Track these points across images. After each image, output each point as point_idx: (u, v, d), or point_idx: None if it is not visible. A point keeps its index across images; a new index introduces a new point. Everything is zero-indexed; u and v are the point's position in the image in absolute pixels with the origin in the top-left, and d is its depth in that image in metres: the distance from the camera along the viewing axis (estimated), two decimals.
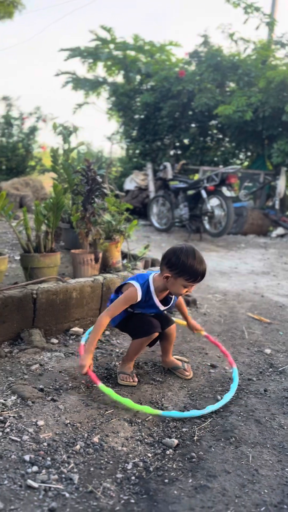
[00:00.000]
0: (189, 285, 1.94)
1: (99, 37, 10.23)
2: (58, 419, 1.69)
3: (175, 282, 1.94)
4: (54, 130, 3.88)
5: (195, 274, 1.91)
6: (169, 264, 1.94)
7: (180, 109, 9.51)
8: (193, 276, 1.91)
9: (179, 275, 1.92)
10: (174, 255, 1.93)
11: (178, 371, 2.20)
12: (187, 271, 1.90)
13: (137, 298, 1.98)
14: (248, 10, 8.80)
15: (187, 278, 1.92)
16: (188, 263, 1.90)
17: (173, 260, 1.93)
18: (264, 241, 7.06)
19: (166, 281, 1.97)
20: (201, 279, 1.95)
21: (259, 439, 1.68)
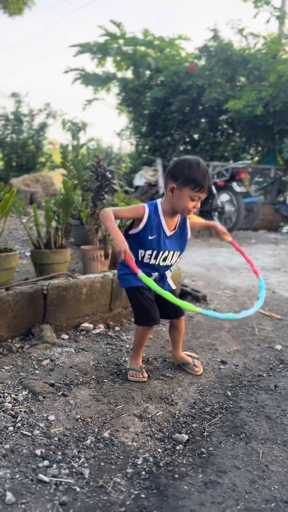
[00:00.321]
0: (195, 196, 1.86)
1: (109, 32, 10.20)
2: (68, 414, 1.70)
3: (180, 194, 1.87)
4: (63, 126, 3.89)
5: (201, 181, 1.84)
6: (173, 175, 1.88)
7: (190, 104, 9.46)
8: (199, 184, 1.84)
9: (184, 185, 1.86)
10: (178, 165, 1.88)
11: (188, 367, 2.19)
12: (192, 178, 1.84)
13: (144, 212, 1.90)
14: (258, 3, 8.69)
15: (193, 187, 1.84)
16: (193, 171, 1.84)
17: (177, 170, 1.87)
18: (275, 237, 7.01)
19: (172, 196, 1.90)
20: (208, 190, 1.88)
21: (270, 435, 1.68)
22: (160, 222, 1.95)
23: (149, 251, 1.96)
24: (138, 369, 2.07)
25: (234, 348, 2.51)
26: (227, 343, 2.58)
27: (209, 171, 1.90)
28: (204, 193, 1.88)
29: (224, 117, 9.60)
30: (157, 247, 1.96)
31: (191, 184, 1.85)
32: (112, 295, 2.73)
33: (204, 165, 1.89)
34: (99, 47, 10.36)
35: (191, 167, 1.85)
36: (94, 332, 2.55)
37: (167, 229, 1.96)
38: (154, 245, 1.95)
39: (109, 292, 2.71)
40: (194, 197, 1.88)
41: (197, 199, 1.89)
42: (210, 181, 1.89)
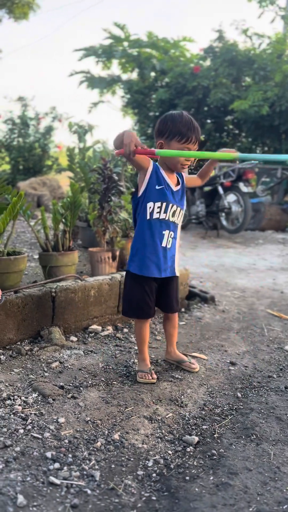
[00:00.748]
0: (183, 148, 1.85)
1: (113, 35, 10.23)
2: (78, 416, 1.70)
3: (169, 148, 1.87)
4: (70, 129, 3.90)
5: (186, 132, 1.83)
6: (159, 131, 1.89)
7: (195, 105, 9.45)
8: (184, 135, 1.83)
9: (170, 139, 1.86)
10: (162, 121, 1.89)
11: (185, 364, 2.19)
12: (176, 130, 1.83)
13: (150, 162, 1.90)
14: (262, 3, 8.69)
15: (179, 139, 1.84)
16: (176, 123, 1.85)
17: (162, 126, 1.88)
18: (283, 237, 6.98)
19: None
20: (195, 140, 1.86)
21: (280, 437, 1.66)
22: (163, 176, 1.95)
23: (158, 203, 1.93)
24: (147, 370, 2.06)
25: (244, 349, 2.50)
26: (236, 344, 2.57)
27: (194, 121, 1.88)
28: (191, 143, 1.87)
29: (230, 118, 9.58)
30: (165, 198, 1.94)
31: (177, 137, 1.85)
32: (120, 297, 2.73)
33: (188, 116, 1.88)
34: (103, 50, 10.40)
35: (174, 120, 1.86)
36: (102, 334, 2.55)
37: (171, 183, 1.97)
38: (162, 196, 1.93)
39: (117, 294, 2.71)
40: (183, 149, 1.87)
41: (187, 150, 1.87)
42: (197, 131, 1.87)
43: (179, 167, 1.93)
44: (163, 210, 1.95)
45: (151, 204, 1.93)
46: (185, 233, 6.90)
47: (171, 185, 1.99)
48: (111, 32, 10.26)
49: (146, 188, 1.93)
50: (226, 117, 9.56)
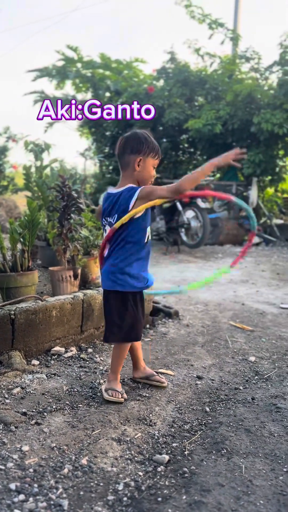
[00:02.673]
0: (155, 164, 1.98)
1: (66, 56, 10.31)
2: (43, 443, 1.62)
3: (145, 165, 1.95)
4: (26, 147, 3.85)
5: (158, 149, 1.98)
6: (135, 149, 1.95)
7: (151, 125, 9.62)
8: (157, 152, 1.97)
9: (147, 155, 1.95)
10: (136, 140, 1.96)
11: (153, 378, 2.17)
12: (151, 148, 1.95)
13: None
14: (212, 25, 9.04)
15: (153, 155, 1.96)
16: (149, 141, 1.95)
17: (136, 144, 1.95)
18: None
19: (138, 168, 1.95)
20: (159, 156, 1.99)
21: (251, 449, 1.65)
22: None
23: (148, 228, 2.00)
24: (119, 390, 2.01)
25: (209, 363, 2.50)
26: (202, 357, 2.57)
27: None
28: (157, 158, 1.99)
29: (184, 136, 9.81)
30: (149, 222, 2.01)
31: (152, 153, 1.97)
32: (84, 316, 2.67)
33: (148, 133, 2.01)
34: (57, 71, 10.44)
35: (147, 139, 1.96)
36: (66, 355, 2.47)
37: None
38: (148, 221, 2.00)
39: (80, 313, 2.65)
40: (154, 165, 1.99)
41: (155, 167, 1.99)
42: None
43: (150, 181, 2.02)
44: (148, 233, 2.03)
45: (149, 229, 2.01)
46: None
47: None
48: (64, 54, 10.33)
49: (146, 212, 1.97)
50: (181, 136, 9.79)
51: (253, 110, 8.13)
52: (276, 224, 8.53)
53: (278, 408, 1.97)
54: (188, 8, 9.08)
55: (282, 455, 1.61)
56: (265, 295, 4.15)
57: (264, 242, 8.03)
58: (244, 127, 8.34)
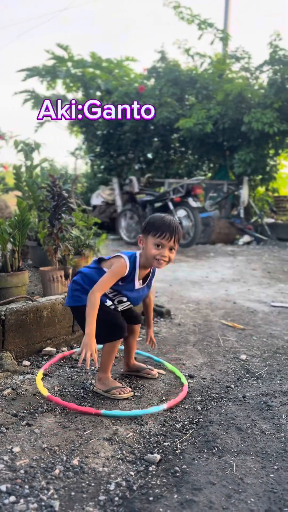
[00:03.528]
0: (159, 242, 1.93)
1: (56, 55, 10.26)
2: (34, 444, 1.62)
3: (147, 243, 1.97)
4: (16, 147, 3.82)
5: (160, 227, 1.93)
6: (142, 229, 2.02)
7: (142, 124, 9.62)
8: (159, 230, 1.92)
9: (147, 234, 1.97)
10: (146, 221, 2.02)
11: (144, 371, 2.24)
12: (152, 227, 1.94)
13: (126, 270, 1.95)
14: (202, 26, 9.06)
15: (153, 234, 1.94)
16: (153, 221, 1.97)
17: (144, 224, 2.01)
18: (232, 249, 7.18)
19: (141, 245, 2.01)
20: (170, 236, 1.93)
21: (242, 447, 1.66)
22: (135, 275, 2.01)
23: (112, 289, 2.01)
24: (120, 385, 2.04)
25: (201, 361, 2.50)
26: (194, 356, 2.57)
27: (173, 222, 1.96)
28: (165, 239, 1.93)
29: (176, 136, 9.83)
30: (122, 291, 2.02)
31: (153, 231, 1.94)
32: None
33: (168, 217, 1.98)
34: (47, 71, 10.38)
35: (155, 219, 1.98)
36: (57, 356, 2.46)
37: (137, 282, 2.02)
38: (121, 291, 2.01)
39: (71, 314, 2.64)
40: (157, 243, 1.94)
41: (162, 247, 1.94)
42: (172, 229, 1.94)
43: (155, 261, 1.98)
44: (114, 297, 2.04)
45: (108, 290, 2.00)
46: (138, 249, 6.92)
47: (136, 284, 2.02)
48: (54, 53, 10.28)
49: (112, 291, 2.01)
50: (172, 135, 9.81)
51: (243, 109, 8.17)
52: (267, 223, 8.58)
53: (269, 406, 1.98)
54: (176, 9, 9.10)
55: (273, 453, 1.62)
56: (256, 293, 4.18)
57: (255, 241, 8.07)
58: (235, 126, 8.38)
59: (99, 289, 1.91)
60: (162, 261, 1.96)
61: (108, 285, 1.94)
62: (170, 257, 1.97)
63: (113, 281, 1.94)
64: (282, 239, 8.26)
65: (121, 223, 7.65)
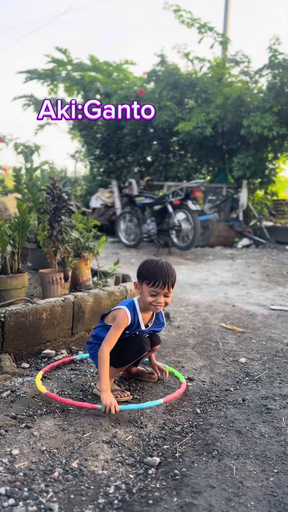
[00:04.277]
0: (153, 292, 1.96)
1: (55, 59, 10.28)
2: (33, 447, 1.61)
3: (142, 290, 2.01)
4: (16, 150, 3.83)
5: (154, 276, 1.94)
6: (137, 274, 2.04)
7: (141, 127, 9.64)
8: (152, 280, 1.94)
9: (142, 281, 2.00)
10: (141, 266, 2.04)
11: (145, 376, 2.25)
12: (146, 275, 1.97)
13: (128, 320, 1.99)
14: (202, 30, 9.10)
15: (147, 282, 1.96)
16: (146, 268, 1.98)
17: (139, 270, 2.03)
18: (231, 252, 7.18)
19: (138, 291, 2.04)
20: (163, 285, 1.95)
21: (242, 450, 1.66)
22: (138, 320, 2.04)
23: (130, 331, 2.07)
24: (119, 388, 2.07)
25: (200, 364, 2.50)
26: (193, 359, 2.57)
27: (165, 269, 1.97)
28: (159, 287, 1.95)
29: (175, 139, 9.85)
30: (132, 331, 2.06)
31: (146, 280, 1.98)
32: (74, 319, 2.65)
33: (161, 262, 1.99)
34: (46, 74, 10.40)
35: (149, 265, 1.99)
36: (56, 358, 2.46)
37: (142, 324, 2.06)
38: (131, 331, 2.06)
39: (71, 316, 2.64)
40: (152, 292, 1.97)
41: (157, 294, 1.97)
42: (165, 276, 1.95)
43: (152, 307, 2.02)
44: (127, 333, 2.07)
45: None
46: (137, 252, 6.93)
47: (141, 324, 2.06)
48: (53, 57, 10.31)
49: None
50: (172, 138, 9.83)
51: (242, 113, 8.20)
52: (266, 226, 8.59)
53: (268, 409, 1.98)
54: (177, 13, 9.13)
55: (272, 456, 1.62)
56: (256, 296, 4.18)
57: (254, 244, 8.08)
58: (234, 130, 8.40)
59: (107, 344, 1.95)
60: (158, 306, 2.00)
61: (115, 339, 1.97)
62: (166, 301, 2.01)
63: (118, 333, 1.98)
64: (281, 242, 8.27)
65: (120, 225, 7.65)
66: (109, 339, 1.96)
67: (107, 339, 1.96)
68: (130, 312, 2.00)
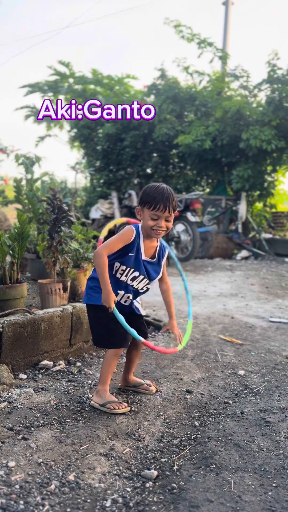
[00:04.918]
0: (154, 215, 1.96)
1: (58, 71, 10.43)
2: (30, 459, 1.59)
3: (143, 215, 2.01)
4: (17, 161, 3.85)
5: (154, 199, 1.95)
6: (139, 200, 2.05)
7: (141, 140, 9.72)
8: (152, 203, 1.95)
9: (143, 206, 1.99)
10: (142, 191, 2.05)
11: (142, 387, 2.23)
12: (147, 199, 1.97)
13: (132, 235, 1.99)
14: (201, 45, 9.23)
15: (148, 207, 1.96)
16: (147, 193, 1.98)
17: (140, 195, 2.03)
18: (230, 264, 7.18)
19: (140, 217, 2.04)
20: (164, 208, 1.95)
21: (240, 464, 1.64)
22: (140, 244, 2.04)
23: (123, 267, 2.03)
24: (117, 400, 2.04)
25: (199, 376, 2.49)
26: (191, 371, 2.56)
27: (166, 192, 1.98)
28: (160, 211, 1.96)
29: (175, 151, 9.93)
30: (131, 265, 2.03)
31: (147, 204, 1.98)
32: (73, 329, 2.65)
33: (162, 186, 2.00)
34: (49, 86, 10.54)
35: (150, 190, 2.00)
36: (54, 369, 2.45)
37: (143, 252, 2.05)
38: (130, 263, 2.02)
39: (69, 327, 2.63)
40: (153, 216, 1.97)
41: (158, 218, 1.97)
42: (166, 200, 1.96)
43: (152, 232, 2.02)
44: (125, 273, 2.04)
45: (117, 264, 2.04)
46: None
47: (142, 254, 2.05)
48: (56, 69, 10.45)
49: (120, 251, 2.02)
50: (171, 150, 9.91)
51: (242, 126, 8.28)
52: (265, 239, 8.62)
53: (267, 422, 1.96)
54: (177, 28, 9.27)
55: (271, 470, 1.60)
56: (254, 308, 4.17)
57: (253, 256, 8.09)
58: (233, 143, 8.47)
59: (105, 248, 1.95)
60: (159, 231, 2.00)
61: (114, 246, 1.97)
62: (167, 226, 2.01)
63: (118, 243, 1.98)
64: (280, 255, 8.28)
65: None
66: (107, 244, 1.96)
67: (106, 244, 1.95)
68: (136, 231, 2.01)
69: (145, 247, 2.05)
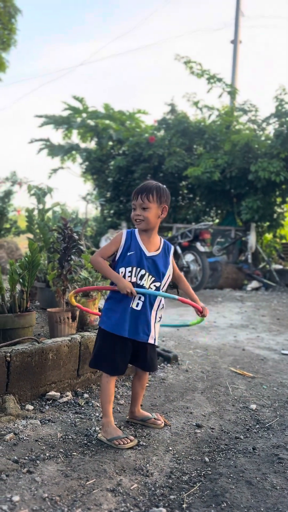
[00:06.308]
0: (133, 206, 2.08)
1: (71, 106, 10.78)
2: (35, 493, 1.55)
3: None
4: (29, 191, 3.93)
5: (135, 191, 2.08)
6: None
7: (151, 172, 9.89)
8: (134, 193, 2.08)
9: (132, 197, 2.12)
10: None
11: (150, 421, 2.18)
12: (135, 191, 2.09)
13: (122, 235, 2.06)
14: (211, 80, 9.50)
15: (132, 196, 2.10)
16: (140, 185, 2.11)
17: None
18: (240, 295, 7.12)
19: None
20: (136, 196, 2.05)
21: (252, 502, 1.57)
22: (137, 241, 2.07)
23: (129, 268, 2.03)
24: (123, 435, 1.97)
25: (209, 410, 2.42)
26: (202, 405, 2.49)
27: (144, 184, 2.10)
28: (134, 200, 2.07)
29: (184, 183, 10.06)
30: (135, 264, 2.04)
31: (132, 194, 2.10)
32: (81, 359, 2.62)
33: (147, 183, 2.12)
34: (62, 120, 10.88)
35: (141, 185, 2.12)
36: (61, 401, 2.40)
37: (145, 248, 2.06)
38: (133, 262, 2.03)
39: (77, 356, 2.60)
40: (132, 207, 2.09)
41: (135, 208, 2.07)
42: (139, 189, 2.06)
43: (135, 223, 2.09)
44: (133, 274, 2.04)
45: (122, 269, 2.04)
46: None
47: (145, 250, 2.06)
48: (69, 104, 10.81)
49: (119, 255, 2.07)
50: (181, 182, 10.04)
51: (250, 159, 8.39)
52: (275, 269, 8.55)
53: (280, 458, 1.89)
54: (187, 64, 9.58)
55: (285, 510, 1.53)
56: (266, 340, 4.10)
57: (264, 286, 8.02)
58: (242, 175, 8.56)
59: (98, 253, 2.06)
60: (137, 220, 2.06)
61: (107, 251, 2.06)
62: (143, 215, 2.03)
63: (110, 246, 2.07)
64: None
65: None
66: (100, 249, 2.08)
67: (99, 250, 2.08)
68: (126, 232, 2.08)
69: (144, 242, 2.07)
